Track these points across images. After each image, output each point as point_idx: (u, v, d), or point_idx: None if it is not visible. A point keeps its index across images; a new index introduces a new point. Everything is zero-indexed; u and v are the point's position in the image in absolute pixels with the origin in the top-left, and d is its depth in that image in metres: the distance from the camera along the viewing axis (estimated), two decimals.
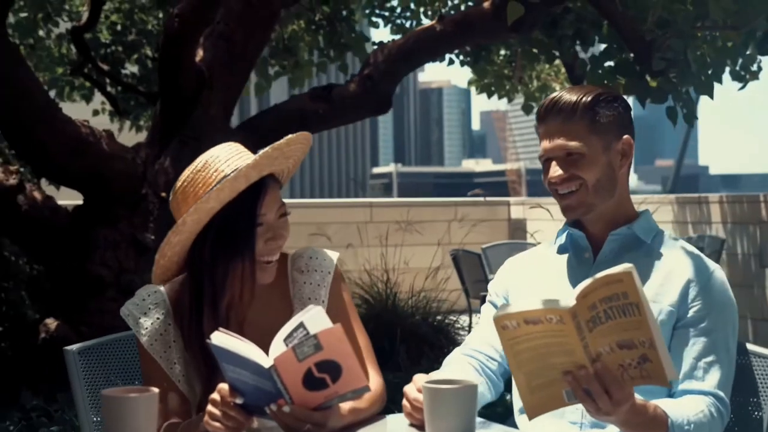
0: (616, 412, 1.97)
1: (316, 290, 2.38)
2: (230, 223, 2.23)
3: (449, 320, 7.68)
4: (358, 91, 6.70)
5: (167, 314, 2.33)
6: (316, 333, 1.92)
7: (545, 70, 9.24)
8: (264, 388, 1.97)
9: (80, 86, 9.02)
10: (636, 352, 1.92)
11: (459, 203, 12.26)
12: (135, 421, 1.95)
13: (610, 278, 1.90)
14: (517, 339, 1.94)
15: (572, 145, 2.34)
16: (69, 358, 2.70)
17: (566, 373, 1.95)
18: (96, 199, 6.24)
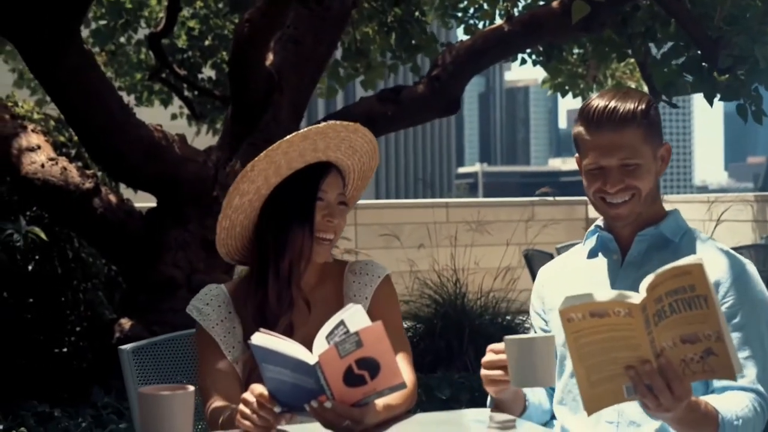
0: (676, 408, 1.97)
1: (362, 289, 2.53)
2: (294, 193, 2.45)
3: (518, 320, 7.65)
4: (426, 93, 6.72)
5: (228, 303, 2.53)
6: (357, 330, 1.99)
7: (620, 69, 9.14)
8: (304, 386, 2.03)
9: (159, 91, 9.22)
10: (700, 347, 1.91)
11: (536, 203, 12.19)
12: (171, 419, 2.01)
13: (679, 270, 1.89)
14: (582, 332, 1.93)
15: (630, 156, 2.32)
16: (123, 357, 2.78)
17: (628, 368, 1.93)
18: (168, 202, 6.38)
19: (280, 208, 2.46)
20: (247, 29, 6.17)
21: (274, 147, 2.40)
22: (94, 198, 6.21)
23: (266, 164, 2.41)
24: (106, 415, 5.14)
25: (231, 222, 2.49)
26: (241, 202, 2.45)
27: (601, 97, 2.38)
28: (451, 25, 8.79)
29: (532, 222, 11.19)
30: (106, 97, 5.93)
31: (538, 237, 10.34)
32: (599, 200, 2.40)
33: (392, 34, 8.20)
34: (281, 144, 2.40)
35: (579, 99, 9.00)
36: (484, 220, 9.77)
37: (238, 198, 2.45)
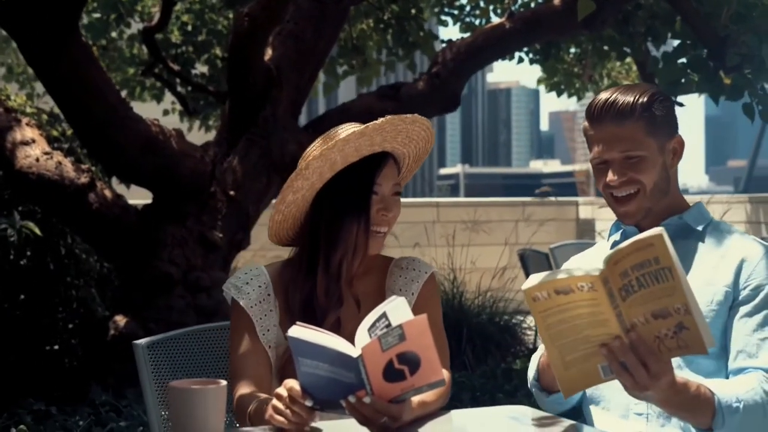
0: (654, 386, 1.93)
1: (409, 284, 2.49)
2: (349, 186, 2.39)
3: (516, 320, 7.62)
4: (426, 90, 6.68)
5: (267, 285, 2.47)
6: (401, 323, 1.92)
7: (616, 68, 9.13)
8: (341, 380, 1.96)
9: (151, 86, 9.12)
10: (672, 321, 1.86)
11: (527, 203, 12.17)
12: (203, 413, 1.94)
13: (641, 243, 1.85)
14: (549, 311, 1.90)
15: (631, 149, 2.30)
16: (138, 352, 2.71)
17: (602, 346, 1.91)
18: (165, 197, 6.29)
19: (335, 201, 2.41)
20: (246, 23, 6.10)
21: (330, 146, 2.33)
22: (90, 193, 6.12)
23: (321, 162, 2.35)
24: (105, 413, 5.06)
25: (284, 216, 2.45)
26: (294, 198, 2.41)
27: (605, 92, 2.38)
28: (446, 23, 8.75)
29: (522, 222, 11.18)
30: (105, 91, 5.84)
31: (531, 237, 10.31)
32: (608, 196, 2.38)
33: (389, 31, 8.15)
34: (337, 143, 2.33)
35: (563, 101, 9.01)
36: (477, 220, 9.74)
37: (291, 195, 2.40)
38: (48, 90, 5.84)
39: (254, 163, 6.39)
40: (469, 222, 9.49)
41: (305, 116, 8.05)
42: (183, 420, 1.95)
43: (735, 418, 2.08)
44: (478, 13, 8.47)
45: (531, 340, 7.82)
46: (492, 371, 6.05)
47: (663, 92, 2.39)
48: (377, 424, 2.01)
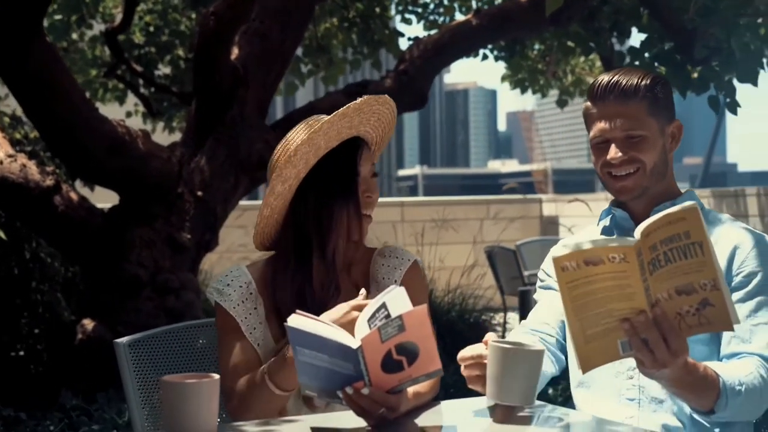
0: (672, 363, 1.91)
1: (391, 272, 2.47)
2: (333, 173, 2.38)
3: (486, 316, 7.64)
4: (393, 87, 6.66)
5: (249, 284, 2.44)
6: (401, 314, 1.91)
7: (579, 64, 9.17)
8: (339, 371, 1.94)
9: (114, 88, 9.03)
10: (696, 298, 1.85)
11: (491, 201, 12.21)
12: (196, 407, 1.92)
13: (672, 217, 1.83)
14: (576, 282, 1.86)
15: (634, 127, 2.32)
16: (119, 350, 2.69)
17: (624, 321, 1.88)
18: (132, 199, 6.23)
19: (322, 188, 2.38)
20: (212, 22, 6.05)
21: (316, 129, 2.32)
22: (55, 196, 6.04)
23: (308, 147, 2.33)
24: (76, 417, 5.00)
25: (272, 210, 2.41)
26: (283, 188, 2.37)
27: (607, 74, 2.40)
28: (410, 21, 8.75)
29: (488, 221, 11.21)
30: (71, 92, 5.77)
31: (496, 235, 10.34)
32: (606, 175, 2.38)
33: (354, 30, 8.13)
34: (322, 125, 2.32)
35: (520, 101, 9.06)
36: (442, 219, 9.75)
37: (280, 185, 2.36)
38: (12, 91, 5.75)
39: (221, 162, 6.35)
40: (438, 221, 9.49)
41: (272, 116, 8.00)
42: (177, 414, 1.92)
43: (737, 400, 2.08)
44: (442, 11, 8.47)
45: (500, 335, 7.82)
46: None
47: (663, 77, 2.41)
48: (374, 415, 1.99)
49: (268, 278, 2.44)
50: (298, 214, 2.41)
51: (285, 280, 2.40)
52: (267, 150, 6.47)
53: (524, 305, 6.91)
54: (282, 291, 2.40)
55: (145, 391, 2.66)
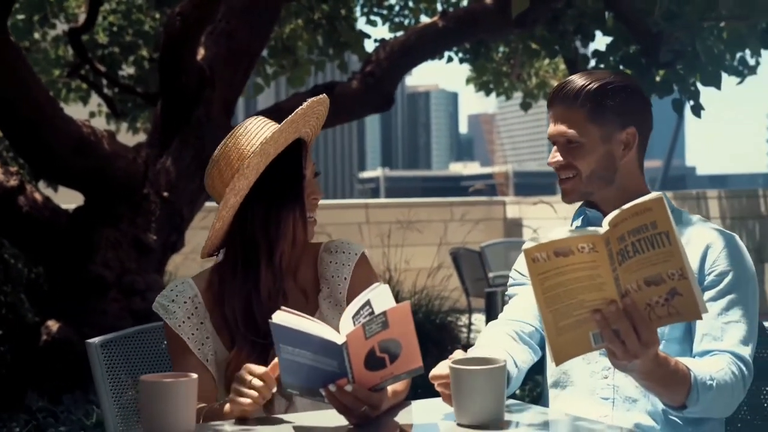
0: (643, 354, 1.93)
1: (340, 269, 2.44)
2: (278, 180, 2.36)
3: (452, 317, 7.68)
4: (360, 89, 6.68)
5: (195, 297, 2.40)
6: (385, 311, 1.92)
7: (543, 67, 9.24)
8: (322, 368, 1.95)
9: (77, 88, 8.97)
10: (664, 288, 1.87)
11: (454, 203, 12.25)
12: (175, 405, 1.93)
13: (639, 207, 1.85)
14: (547, 274, 1.88)
15: (570, 133, 2.34)
16: (91, 350, 2.68)
17: (595, 312, 1.90)
18: (97, 199, 6.20)
19: (269, 194, 2.35)
20: (178, 23, 6.03)
21: (268, 139, 2.30)
22: (19, 196, 6.00)
23: (260, 157, 2.31)
24: (43, 419, 4.96)
25: (223, 222, 2.37)
26: (236, 200, 2.34)
27: (574, 75, 2.42)
28: (375, 23, 8.77)
29: (453, 222, 11.25)
30: (35, 91, 5.73)
31: (461, 237, 10.38)
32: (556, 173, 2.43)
33: (319, 31, 8.13)
34: (274, 134, 2.31)
35: (482, 104, 9.12)
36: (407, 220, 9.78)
37: (233, 197, 2.33)
38: None
39: (188, 164, 6.33)
40: (403, 222, 9.53)
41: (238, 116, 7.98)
42: (155, 413, 1.92)
43: (708, 395, 2.11)
44: (407, 13, 8.50)
45: (465, 336, 7.88)
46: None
47: (627, 83, 2.39)
48: (357, 413, 1.99)
49: (214, 287, 2.41)
50: (244, 221, 2.37)
51: (232, 289, 2.37)
52: None
53: (491, 307, 6.94)
54: (230, 300, 2.36)
55: (117, 391, 2.65)
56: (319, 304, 2.41)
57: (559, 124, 2.35)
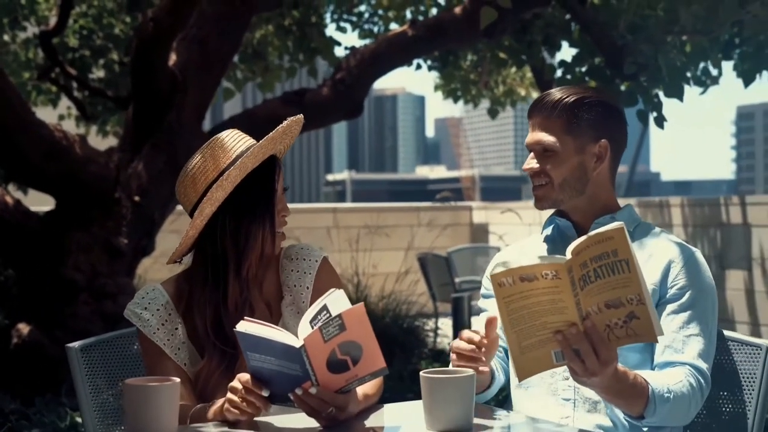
0: (602, 372, 2.04)
1: (302, 277, 2.49)
2: (252, 194, 2.41)
3: (419, 322, 7.77)
4: (330, 96, 6.76)
5: (167, 304, 2.44)
6: (340, 313, 2.00)
7: (510, 75, 9.36)
8: (289, 373, 2.03)
9: (47, 91, 8.99)
10: (623, 311, 1.98)
11: (422, 208, 12.35)
12: (158, 408, 2.00)
13: (602, 236, 1.97)
14: (512, 297, 2.00)
15: (547, 141, 2.45)
16: (71, 354, 2.72)
17: (557, 333, 2.02)
18: (69, 203, 6.24)
19: (241, 208, 2.41)
20: (151, 28, 6.09)
21: (248, 154, 2.37)
22: None
23: (238, 171, 2.37)
24: (15, 421, 4.99)
25: (196, 230, 2.41)
26: (211, 210, 2.39)
27: (554, 89, 2.55)
28: (345, 30, 8.85)
29: (420, 227, 11.34)
30: (9, 96, 5.77)
31: (428, 242, 10.48)
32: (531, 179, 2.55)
33: (290, 37, 8.20)
34: (253, 150, 2.38)
35: (449, 107, 9.23)
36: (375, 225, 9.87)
37: (209, 207, 2.38)
38: None
39: (159, 168, 6.38)
40: (371, 227, 9.61)
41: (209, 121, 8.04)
42: (139, 415, 2.00)
43: (665, 407, 2.22)
44: (377, 20, 8.59)
45: (432, 340, 7.98)
46: (399, 373, 6.16)
47: (603, 99, 2.51)
48: (324, 415, 2.08)
49: (184, 295, 2.46)
50: (215, 231, 2.41)
51: (202, 299, 2.42)
52: None
53: (457, 312, 7.05)
54: (200, 310, 2.41)
55: (96, 394, 2.71)
56: (282, 312, 2.47)
57: (537, 132, 2.47)
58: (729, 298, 8.82)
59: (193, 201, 2.43)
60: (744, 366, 2.51)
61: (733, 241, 8.81)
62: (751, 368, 2.49)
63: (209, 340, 2.38)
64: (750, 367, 2.50)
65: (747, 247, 8.65)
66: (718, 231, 8.98)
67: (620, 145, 2.54)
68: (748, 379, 2.49)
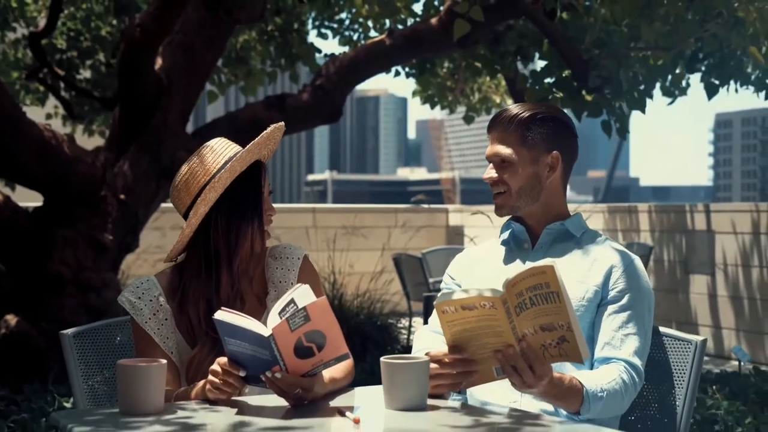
0: (537, 385, 2.35)
1: (286, 274, 2.75)
2: (241, 195, 2.64)
3: (392, 320, 8.03)
4: (310, 101, 7.02)
5: (159, 295, 2.66)
6: (305, 306, 2.28)
7: (486, 83, 9.62)
8: (261, 357, 2.29)
9: (35, 90, 9.20)
10: (555, 334, 2.29)
11: (399, 210, 12.61)
12: (147, 387, 2.27)
13: (535, 270, 2.27)
14: (455, 322, 2.32)
15: (504, 153, 2.73)
16: (65, 341, 2.94)
17: (496, 352, 2.32)
18: (57, 201, 6.47)
19: (233, 208, 2.63)
20: (138, 33, 6.33)
21: (237, 159, 2.60)
22: None
23: (229, 173, 2.61)
24: (5, 407, 5.22)
25: (191, 229, 2.63)
26: (205, 209, 2.61)
27: (513, 105, 2.85)
28: (326, 36, 9.09)
29: (396, 229, 11.60)
30: (0, 97, 6.00)
31: (403, 243, 10.74)
32: None
33: (272, 43, 8.45)
34: (241, 155, 2.62)
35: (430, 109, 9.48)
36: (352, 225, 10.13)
37: (203, 206, 2.61)
38: None
39: (144, 168, 6.62)
40: (349, 227, 9.88)
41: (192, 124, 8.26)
42: (130, 393, 2.27)
43: (599, 404, 2.50)
44: (357, 27, 8.84)
45: (405, 338, 8.25)
46: (371, 368, 6.41)
47: (555, 114, 2.80)
48: (292, 395, 2.35)
49: (175, 287, 2.67)
50: (208, 230, 2.64)
51: (196, 292, 2.64)
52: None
53: (428, 310, 7.32)
54: (194, 302, 2.64)
55: (87, 377, 2.95)
56: (267, 306, 2.70)
57: (496, 145, 2.75)
58: (693, 302, 9.13)
59: (187, 203, 2.65)
60: (676, 360, 2.77)
61: (698, 247, 9.11)
62: (683, 362, 2.75)
63: (202, 329, 2.61)
64: (681, 361, 2.76)
65: (710, 253, 8.95)
66: (683, 237, 9.28)
67: (571, 156, 2.83)
68: (680, 372, 2.75)
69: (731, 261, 8.76)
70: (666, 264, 9.41)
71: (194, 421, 2.26)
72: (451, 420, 2.33)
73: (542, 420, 2.35)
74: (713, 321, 8.91)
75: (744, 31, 5.70)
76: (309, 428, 2.22)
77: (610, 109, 5.89)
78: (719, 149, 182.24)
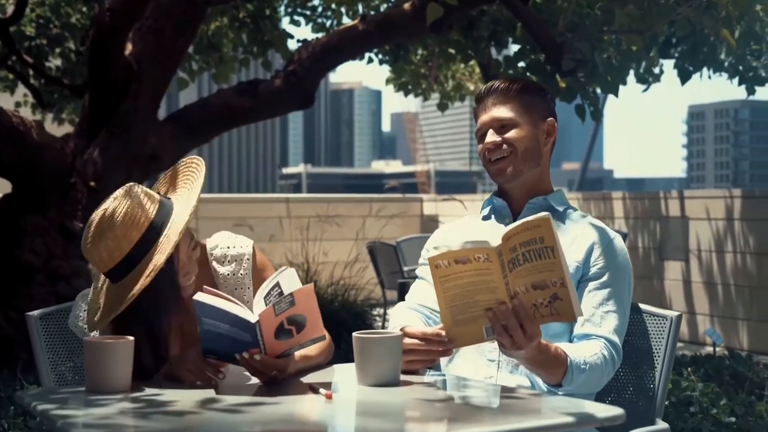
0: (527, 346, 2.29)
1: (241, 279, 2.63)
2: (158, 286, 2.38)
3: (366, 307, 8.00)
4: (282, 87, 6.96)
5: None
6: (292, 292, 2.25)
7: (460, 70, 9.60)
8: (239, 339, 2.26)
9: (4, 78, 9.09)
10: (548, 292, 2.23)
11: (374, 199, 12.58)
12: (113, 363, 2.23)
13: (530, 224, 2.21)
14: (447, 277, 2.26)
15: (506, 116, 2.70)
16: (31, 323, 2.90)
17: (488, 310, 2.26)
18: (26, 188, 6.39)
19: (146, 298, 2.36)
20: (108, 18, 6.25)
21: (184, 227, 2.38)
22: None
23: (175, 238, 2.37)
24: None
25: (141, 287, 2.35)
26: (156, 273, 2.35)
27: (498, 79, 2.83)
28: (299, 23, 9.04)
29: (371, 218, 11.57)
30: None
31: (377, 231, 10.71)
32: (486, 161, 2.76)
33: (244, 30, 8.39)
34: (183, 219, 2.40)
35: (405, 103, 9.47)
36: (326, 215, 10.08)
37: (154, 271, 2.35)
38: None
39: (115, 155, 6.55)
40: (323, 216, 9.84)
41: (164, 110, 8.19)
42: (97, 369, 2.22)
43: (581, 377, 2.47)
44: (330, 14, 8.79)
45: (380, 326, 8.22)
46: (346, 355, 6.37)
47: (538, 85, 2.84)
48: (267, 376, 2.32)
49: None
50: None
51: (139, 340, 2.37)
52: (159, 143, 6.71)
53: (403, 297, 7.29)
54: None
55: (54, 360, 2.90)
56: None
57: (493, 111, 2.71)
58: (667, 288, 9.15)
59: (126, 251, 2.38)
60: (653, 336, 2.76)
61: (672, 233, 9.13)
62: (658, 338, 2.75)
63: None
64: (657, 337, 2.75)
65: (684, 239, 8.98)
66: (658, 223, 9.30)
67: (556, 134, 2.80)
68: (656, 347, 2.74)
69: (705, 247, 8.79)
70: (640, 250, 9.43)
71: (163, 398, 2.22)
72: (425, 394, 2.30)
73: (519, 393, 2.32)
74: (687, 306, 8.94)
75: (716, 14, 5.70)
76: (280, 404, 2.18)
77: (584, 93, 5.87)
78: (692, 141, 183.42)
